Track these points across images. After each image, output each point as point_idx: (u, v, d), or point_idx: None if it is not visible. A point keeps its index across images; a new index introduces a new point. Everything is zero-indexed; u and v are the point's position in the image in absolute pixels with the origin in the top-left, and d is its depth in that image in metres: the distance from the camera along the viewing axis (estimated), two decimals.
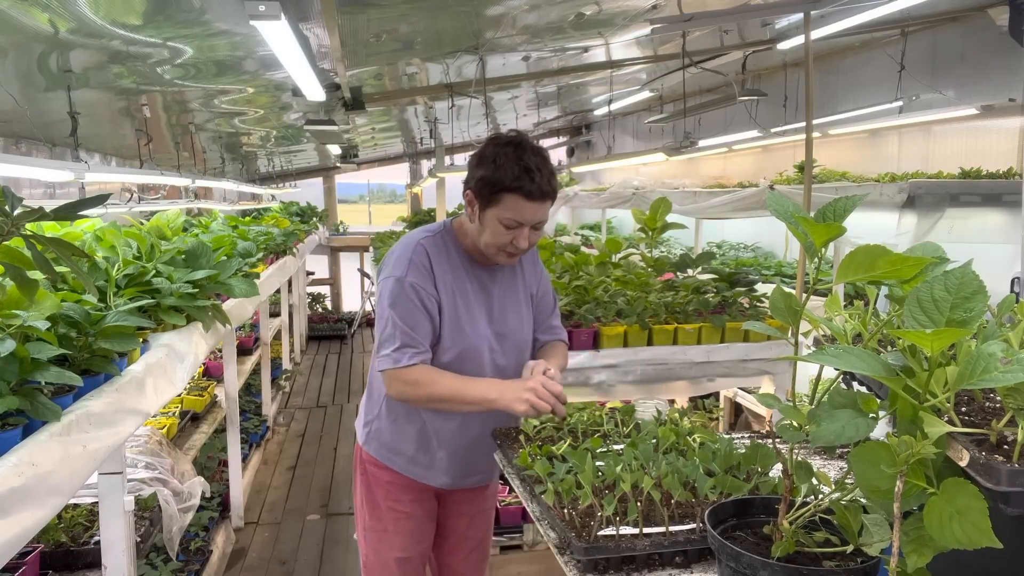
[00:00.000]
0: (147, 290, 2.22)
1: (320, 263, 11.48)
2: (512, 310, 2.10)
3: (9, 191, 1.41)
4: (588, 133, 11.83)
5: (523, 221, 1.87)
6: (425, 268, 1.95)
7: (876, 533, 1.05)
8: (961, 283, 0.98)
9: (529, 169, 1.82)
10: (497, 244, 1.92)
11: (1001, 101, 4.28)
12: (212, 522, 3.91)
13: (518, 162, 1.83)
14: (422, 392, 1.90)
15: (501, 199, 1.85)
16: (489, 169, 1.85)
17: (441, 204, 6.79)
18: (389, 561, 2.16)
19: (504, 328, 2.07)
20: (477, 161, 1.90)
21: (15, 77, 3.30)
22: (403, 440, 2.11)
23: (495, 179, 1.84)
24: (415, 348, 1.90)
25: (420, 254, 1.96)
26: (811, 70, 3.06)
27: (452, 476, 2.14)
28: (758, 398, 1.27)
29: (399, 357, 1.89)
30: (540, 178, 1.83)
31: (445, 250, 2.01)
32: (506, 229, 1.88)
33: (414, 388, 1.90)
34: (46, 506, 1.42)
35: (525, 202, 1.84)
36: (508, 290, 2.10)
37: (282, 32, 2.25)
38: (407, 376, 1.89)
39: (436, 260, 1.98)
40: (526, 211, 1.86)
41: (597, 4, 3.70)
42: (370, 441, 2.16)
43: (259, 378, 6.21)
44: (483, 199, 1.88)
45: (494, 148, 1.87)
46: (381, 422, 2.14)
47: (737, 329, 2.92)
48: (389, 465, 2.14)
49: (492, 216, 1.88)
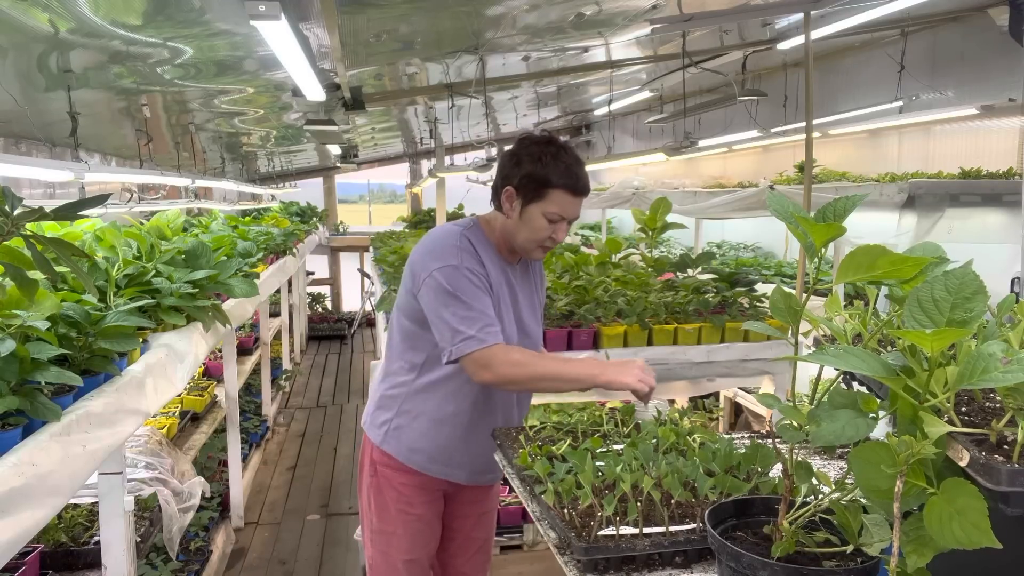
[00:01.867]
0: (147, 290, 2.22)
1: (320, 263, 11.48)
2: (528, 308, 2.16)
3: (9, 191, 1.41)
4: (588, 133, 11.83)
5: (566, 216, 1.98)
6: (473, 256, 1.98)
7: (876, 533, 1.05)
8: (961, 283, 0.98)
9: (571, 167, 1.95)
10: (537, 239, 2.00)
11: (1001, 101, 4.28)
12: (212, 522, 3.91)
13: (564, 161, 1.94)
14: (528, 371, 1.86)
15: (548, 194, 1.94)
16: (535, 167, 1.94)
17: (441, 204, 6.78)
18: (397, 564, 2.15)
19: (524, 324, 2.13)
20: (516, 161, 1.97)
21: (15, 77, 3.30)
22: (422, 436, 2.09)
23: (543, 176, 1.93)
24: (495, 326, 1.89)
25: (466, 243, 2.00)
26: (811, 70, 3.06)
27: (470, 471, 2.15)
28: (758, 398, 1.27)
29: (484, 336, 1.85)
30: (583, 175, 1.98)
31: (481, 243, 2.06)
32: (549, 223, 1.97)
33: (519, 368, 1.86)
34: (46, 506, 1.42)
35: (571, 197, 1.96)
36: (526, 289, 2.17)
37: (282, 32, 2.25)
38: (507, 356, 1.85)
39: (480, 250, 2.02)
40: (570, 206, 1.97)
41: (597, 4, 3.70)
42: (388, 440, 2.12)
43: (259, 378, 6.21)
44: (528, 195, 1.96)
45: (536, 147, 1.96)
46: (401, 419, 2.11)
47: (737, 329, 2.92)
48: (408, 464, 2.11)
49: (536, 211, 1.96)
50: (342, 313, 11.47)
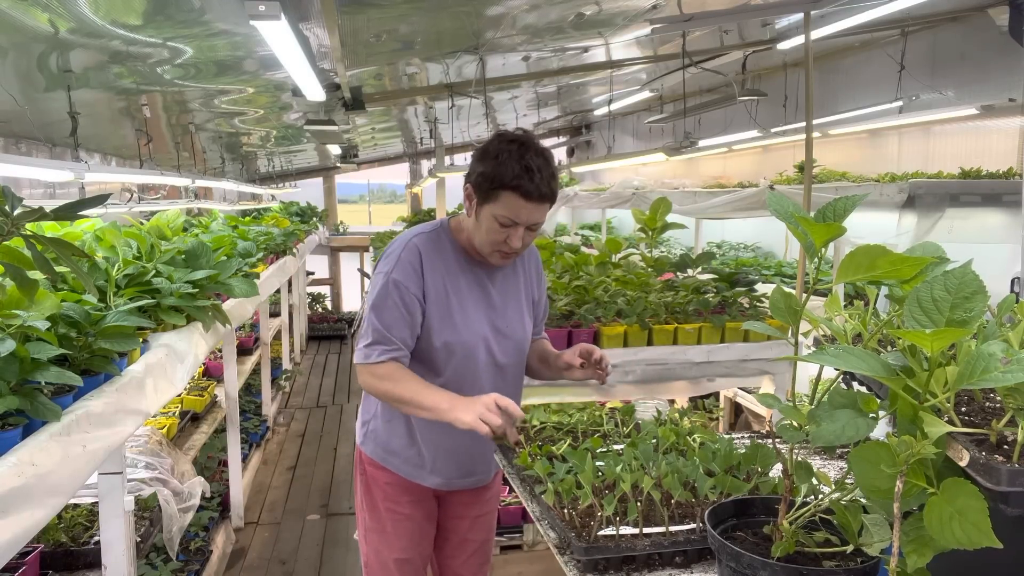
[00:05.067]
0: (147, 290, 2.22)
1: (320, 263, 11.48)
2: (513, 309, 2.09)
3: (9, 191, 1.41)
4: (588, 133, 11.83)
5: (518, 221, 1.85)
6: (413, 267, 1.95)
7: (876, 533, 1.05)
8: (961, 283, 0.98)
9: (530, 169, 1.79)
10: (491, 242, 1.90)
11: (1001, 101, 4.28)
12: (212, 522, 3.91)
13: (520, 160, 1.80)
14: (385, 389, 1.92)
15: (499, 196, 1.82)
16: (490, 165, 1.82)
17: (441, 204, 6.79)
18: (389, 562, 2.16)
19: (504, 325, 2.06)
20: (480, 156, 1.87)
21: (15, 77, 3.30)
22: (396, 440, 2.11)
23: (495, 175, 1.81)
24: (385, 346, 1.92)
25: (411, 252, 1.97)
26: (811, 70, 3.06)
27: (444, 476, 2.13)
28: (758, 398, 1.27)
29: (369, 353, 1.92)
30: (540, 179, 1.80)
31: (439, 247, 2.01)
32: (501, 227, 1.86)
33: (380, 383, 1.92)
34: (46, 506, 1.42)
35: (523, 201, 1.81)
36: (509, 289, 2.09)
37: (282, 32, 2.25)
38: (376, 371, 1.92)
39: (428, 258, 1.97)
40: (522, 211, 1.83)
41: (597, 4, 3.70)
42: (367, 441, 2.17)
43: (259, 378, 6.21)
44: (481, 194, 1.86)
45: (498, 144, 1.84)
46: (377, 422, 2.14)
47: (737, 329, 2.92)
48: (385, 465, 2.14)
49: (488, 213, 1.86)
50: (342, 313, 11.47)
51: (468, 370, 1.99)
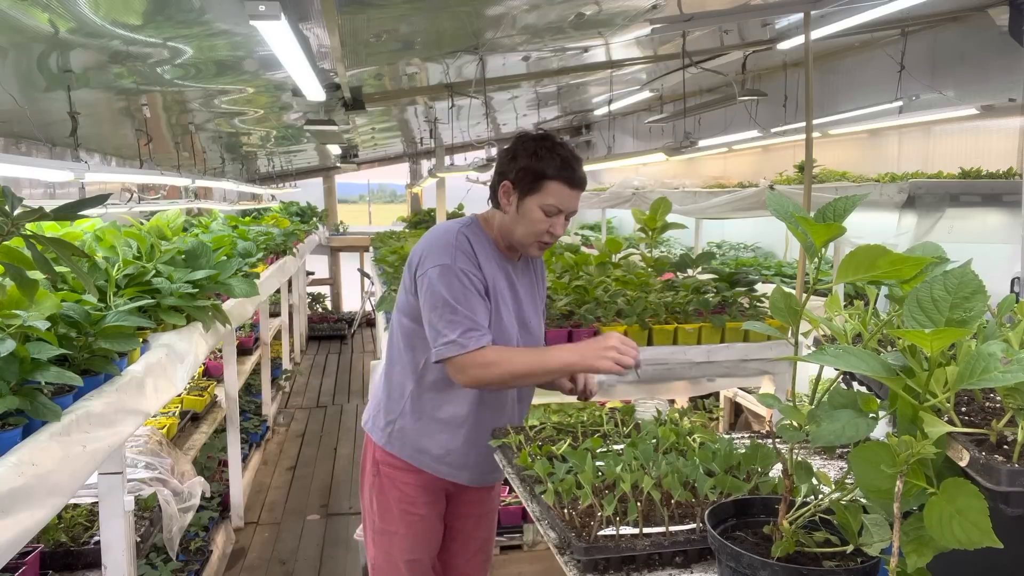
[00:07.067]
0: (147, 290, 2.22)
1: (320, 263, 11.48)
2: (530, 306, 2.16)
3: (9, 191, 1.41)
4: (588, 133, 11.83)
5: (563, 208, 1.97)
6: (469, 256, 1.98)
7: (876, 533, 1.05)
8: (961, 283, 0.98)
9: (568, 160, 1.95)
10: (535, 232, 1.99)
11: (1001, 101, 4.28)
12: (212, 522, 3.91)
13: (558, 154, 1.95)
14: (501, 371, 1.88)
15: (544, 187, 1.94)
16: (531, 160, 1.94)
17: (441, 204, 6.78)
18: (399, 564, 2.15)
19: (526, 320, 2.12)
20: (512, 155, 1.99)
21: (15, 77, 3.30)
22: (428, 438, 2.09)
23: (538, 169, 1.94)
24: (479, 331, 1.89)
25: (463, 241, 2.00)
26: (811, 70, 3.06)
27: (475, 471, 2.14)
28: (758, 398, 1.27)
29: (465, 342, 1.86)
30: (579, 168, 1.98)
31: (480, 241, 2.05)
32: (546, 216, 1.96)
33: (491, 369, 1.87)
34: (46, 506, 1.42)
35: (568, 190, 1.96)
36: (528, 286, 2.17)
37: (282, 32, 2.25)
38: (480, 359, 1.87)
39: (478, 249, 2.02)
40: (567, 199, 1.97)
41: (597, 4, 3.70)
42: (392, 441, 2.12)
43: (259, 378, 6.21)
44: (524, 188, 1.96)
45: (530, 143, 1.97)
46: (405, 420, 2.10)
47: (737, 329, 2.92)
48: (414, 464, 2.11)
49: (533, 204, 1.96)
50: (342, 313, 11.47)
51: None
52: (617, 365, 1.83)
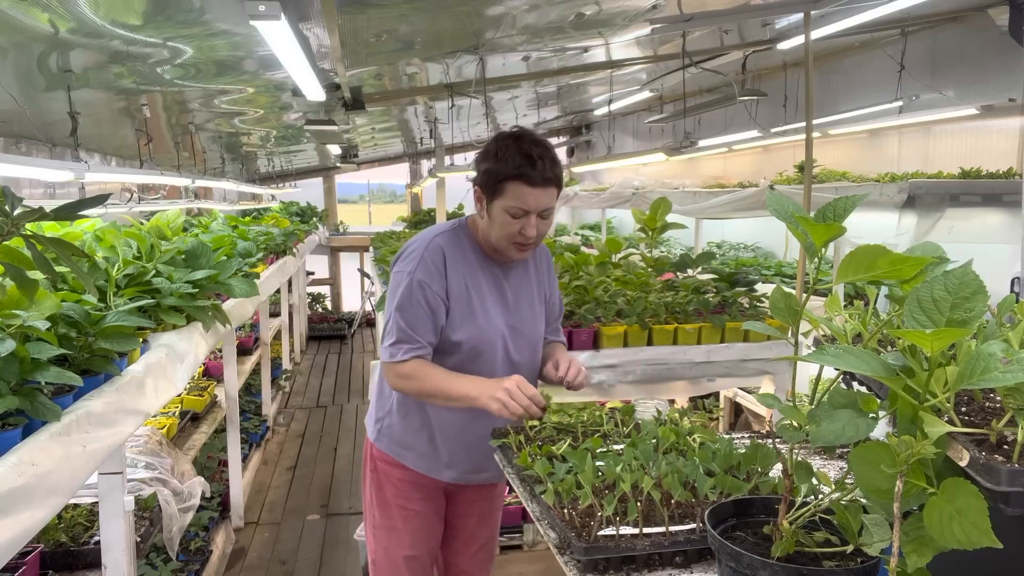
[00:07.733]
0: (147, 290, 2.22)
1: (320, 263, 11.48)
2: (526, 307, 2.15)
3: (9, 191, 1.41)
4: (588, 133, 11.83)
5: (528, 208, 1.90)
6: (435, 266, 1.98)
7: (876, 533, 1.05)
8: (961, 283, 0.98)
9: (530, 156, 1.86)
10: (507, 235, 1.95)
11: (1001, 101, 4.28)
12: (212, 522, 3.91)
13: (519, 151, 1.87)
14: (412, 386, 1.97)
15: (505, 188, 1.89)
16: (492, 162, 1.91)
17: (441, 204, 6.79)
18: (398, 559, 2.18)
19: (518, 323, 2.11)
20: (482, 156, 1.96)
21: (15, 77, 3.30)
22: (412, 435, 2.13)
23: (497, 170, 1.89)
24: (410, 344, 1.95)
25: (434, 251, 2.00)
26: (811, 70, 3.05)
27: (459, 471, 2.16)
28: (758, 398, 1.27)
29: (394, 352, 1.95)
30: (541, 165, 1.87)
31: (460, 246, 2.05)
32: (513, 219, 1.92)
33: (406, 381, 1.98)
34: (46, 506, 1.42)
35: (528, 188, 1.88)
36: (523, 287, 2.15)
37: (282, 32, 2.25)
38: (400, 370, 1.96)
39: (451, 256, 2.01)
40: (529, 198, 1.89)
41: (597, 4, 3.70)
42: (381, 437, 2.19)
43: (259, 378, 6.21)
44: (489, 191, 1.93)
45: (497, 142, 1.93)
46: (392, 418, 2.16)
47: (737, 329, 2.92)
48: (400, 461, 2.16)
49: (499, 207, 1.92)
50: (342, 313, 11.46)
51: (485, 366, 2.04)
52: (505, 409, 1.81)
